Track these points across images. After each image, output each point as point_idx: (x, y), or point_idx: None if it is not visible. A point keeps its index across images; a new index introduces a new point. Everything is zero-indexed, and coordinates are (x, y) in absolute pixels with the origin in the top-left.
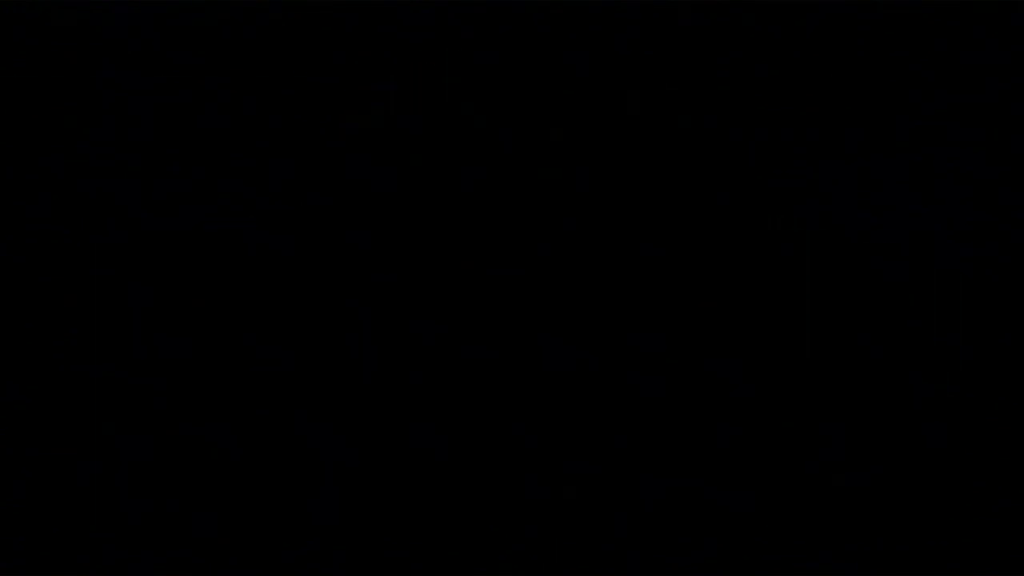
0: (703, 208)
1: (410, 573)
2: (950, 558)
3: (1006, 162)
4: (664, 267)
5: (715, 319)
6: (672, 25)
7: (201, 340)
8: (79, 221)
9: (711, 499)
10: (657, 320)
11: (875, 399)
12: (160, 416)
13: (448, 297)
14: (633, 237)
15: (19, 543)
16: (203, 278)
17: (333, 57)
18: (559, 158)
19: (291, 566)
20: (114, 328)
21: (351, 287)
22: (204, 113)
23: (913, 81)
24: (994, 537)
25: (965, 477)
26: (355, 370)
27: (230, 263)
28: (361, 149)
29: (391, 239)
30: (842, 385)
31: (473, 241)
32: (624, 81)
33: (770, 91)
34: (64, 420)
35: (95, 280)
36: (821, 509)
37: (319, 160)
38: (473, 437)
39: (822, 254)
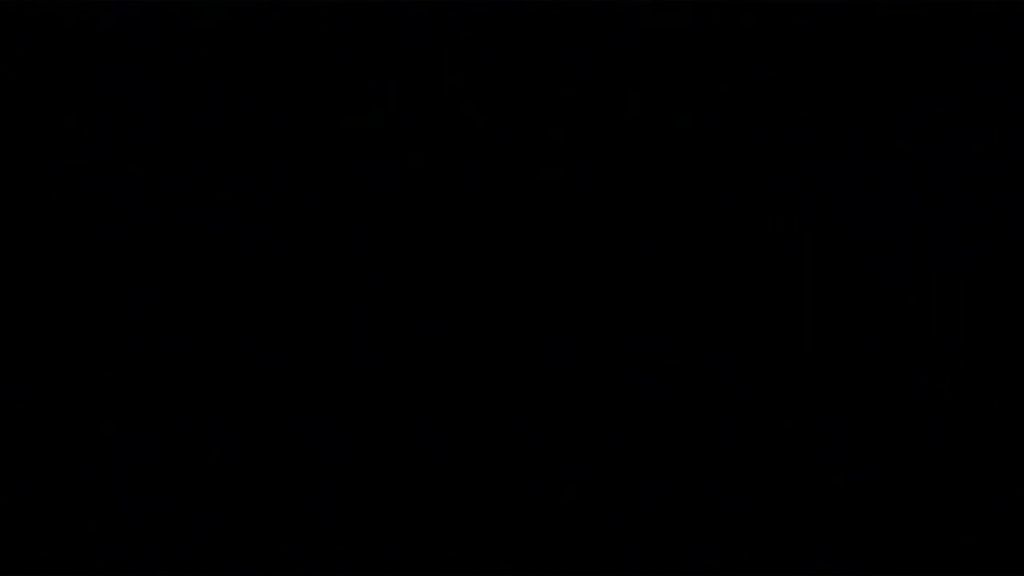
0: (703, 208)
1: (410, 573)
2: (950, 558)
3: (1006, 162)
4: (664, 267)
5: (715, 319)
6: (672, 25)
7: (201, 340)
8: (79, 221)
9: (711, 499)
10: (657, 320)
11: (875, 399)
12: (160, 416)
13: (448, 297)
14: (633, 237)
15: (19, 543)
16: (203, 278)
17: (333, 57)
18: (559, 158)
19: (291, 566)
20: (114, 328)
21: (351, 287)
22: (204, 113)
23: (913, 81)
24: (994, 537)
25: (965, 477)
26: (355, 370)
27: (230, 263)
28: (361, 149)
29: (391, 239)
30: (842, 385)
31: (473, 241)
32: (624, 81)
33: (770, 91)
34: (64, 420)
35: (95, 280)
36: (821, 509)
37: (319, 160)
38: (473, 437)
39: (822, 254)
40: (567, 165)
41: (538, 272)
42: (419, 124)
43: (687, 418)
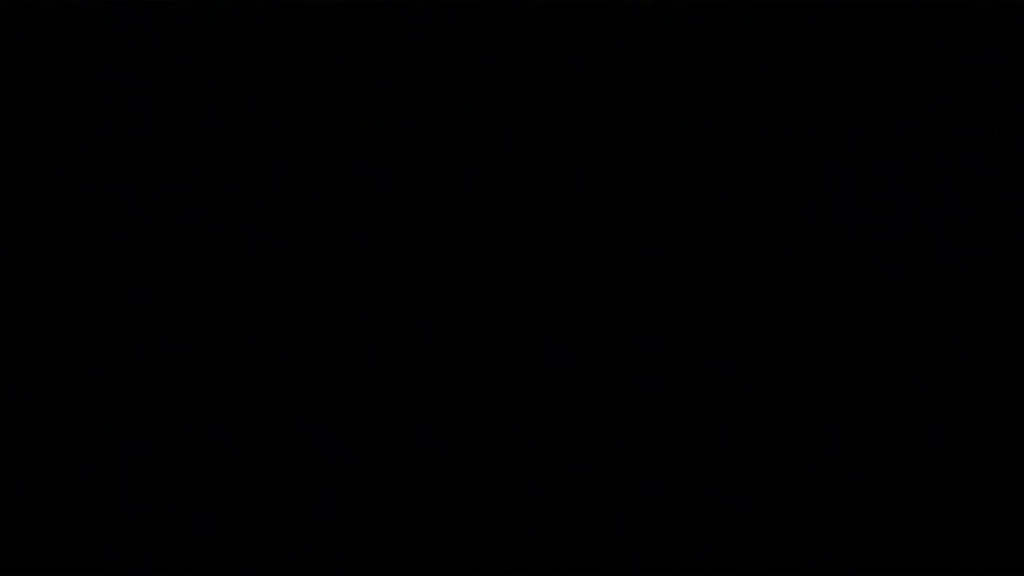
0: (703, 208)
1: (410, 573)
2: (950, 558)
3: (1006, 162)
4: (664, 267)
5: (715, 319)
6: (672, 25)
7: (201, 340)
8: (79, 221)
9: (711, 499)
10: (657, 320)
11: (875, 399)
12: (160, 416)
13: (448, 297)
14: (633, 237)
15: (19, 543)
16: (203, 278)
17: (333, 57)
18: (559, 158)
19: (291, 566)
20: (114, 328)
21: (351, 287)
22: (204, 113)
23: (913, 81)
24: (994, 537)
25: (965, 477)
26: (355, 370)
27: (230, 263)
28: (361, 149)
29: (391, 239)
30: (842, 385)
31: (473, 241)
32: (624, 81)
33: (770, 91)
34: (64, 420)
35: (95, 280)
36: (821, 509)
37: (319, 160)
38: (473, 437)
39: (822, 254)
40: (567, 165)
41: (538, 272)
42: (419, 124)
43: (687, 418)
